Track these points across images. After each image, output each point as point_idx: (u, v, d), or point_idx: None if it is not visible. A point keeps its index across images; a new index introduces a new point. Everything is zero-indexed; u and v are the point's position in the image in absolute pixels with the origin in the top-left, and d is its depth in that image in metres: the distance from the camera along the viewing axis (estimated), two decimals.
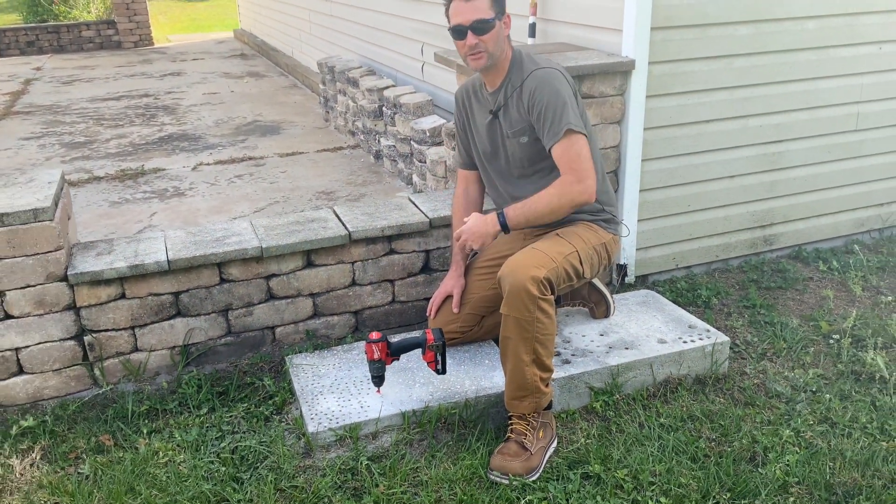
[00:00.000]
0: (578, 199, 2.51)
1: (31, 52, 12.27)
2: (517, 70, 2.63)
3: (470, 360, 2.83)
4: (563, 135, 2.49)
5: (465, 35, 2.53)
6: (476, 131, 2.80)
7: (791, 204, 3.84)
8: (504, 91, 2.65)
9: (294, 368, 2.83)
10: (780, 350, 3.08)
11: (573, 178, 2.49)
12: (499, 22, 2.55)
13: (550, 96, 2.52)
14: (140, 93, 8.68)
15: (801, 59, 3.59)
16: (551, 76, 2.56)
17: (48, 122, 7.31)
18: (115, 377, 2.93)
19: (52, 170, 3.06)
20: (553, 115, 2.51)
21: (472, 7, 2.50)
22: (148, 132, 6.82)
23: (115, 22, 12.55)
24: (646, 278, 3.68)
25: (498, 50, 2.57)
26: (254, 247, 2.91)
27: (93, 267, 2.77)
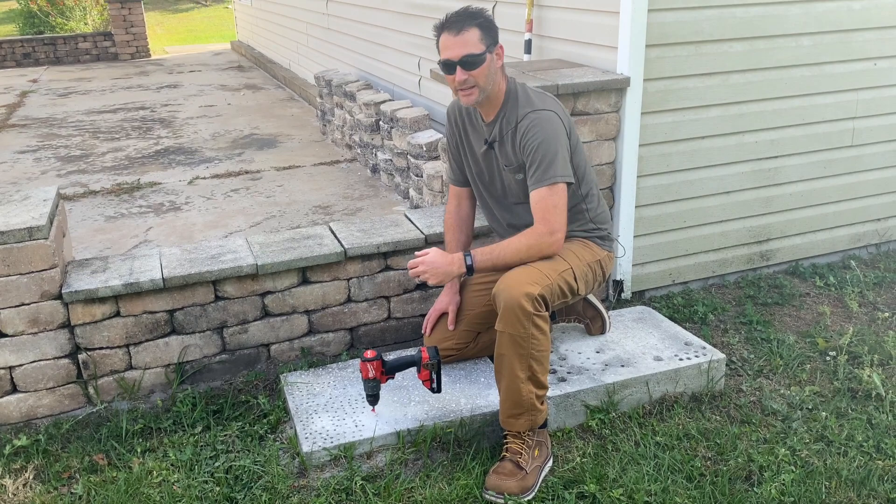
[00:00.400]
0: (547, 251, 2.51)
1: (28, 64, 12.31)
2: (513, 106, 2.60)
3: (465, 378, 2.84)
4: (547, 184, 2.49)
5: (454, 70, 2.50)
6: (471, 155, 2.80)
7: (787, 219, 3.86)
8: (500, 125, 2.64)
9: (289, 387, 2.84)
10: (776, 367, 3.09)
11: (545, 230, 2.50)
12: (490, 55, 2.51)
13: (542, 143, 2.50)
14: (136, 105, 8.71)
15: (796, 76, 3.62)
16: (546, 120, 2.53)
17: (44, 136, 7.33)
18: (110, 395, 2.94)
19: (48, 186, 3.08)
20: (541, 162, 2.50)
21: (461, 41, 2.47)
22: (144, 145, 6.84)
23: (111, 34, 12.60)
24: (642, 294, 3.70)
25: (489, 84, 2.54)
26: (249, 264, 2.93)
27: (87, 285, 2.78)
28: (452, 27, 2.49)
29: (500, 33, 2.66)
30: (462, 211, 2.93)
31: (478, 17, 2.51)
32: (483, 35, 2.50)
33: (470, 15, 2.51)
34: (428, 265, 2.51)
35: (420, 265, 2.52)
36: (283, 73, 9.68)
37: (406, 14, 5.48)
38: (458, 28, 2.48)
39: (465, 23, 2.48)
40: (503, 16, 4.25)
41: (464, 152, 2.84)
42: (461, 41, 2.47)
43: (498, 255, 2.51)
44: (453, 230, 2.90)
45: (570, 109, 3.26)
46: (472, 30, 2.48)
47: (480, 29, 2.49)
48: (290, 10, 9.13)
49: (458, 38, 2.47)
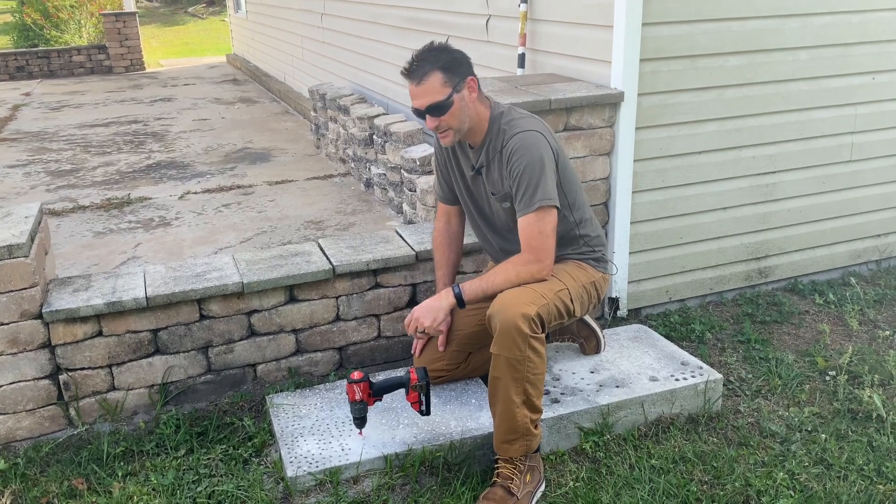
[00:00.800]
0: (537, 278, 2.47)
1: (21, 78, 12.30)
2: (497, 132, 2.55)
3: (456, 400, 2.79)
4: (534, 210, 2.44)
5: (424, 117, 2.48)
6: (461, 179, 2.76)
7: (786, 235, 3.82)
8: (486, 151, 2.59)
9: (274, 408, 2.79)
10: (774, 387, 3.05)
11: (531, 257, 2.46)
12: (458, 95, 2.45)
13: (527, 166, 2.45)
14: (129, 119, 8.68)
15: (793, 90, 3.59)
16: (530, 143, 2.47)
17: (34, 150, 7.30)
18: (91, 417, 2.89)
19: (31, 203, 3.04)
20: (527, 188, 2.45)
21: (424, 90, 2.42)
22: (135, 160, 6.80)
23: (106, 47, 12.61)
24: (638, 312, 3.65)
25: (464, 122, 2.50)
26: (234, 282, 2.88)
27: (69, 304, 2.73)
28: (414, 76, 2.43)
29: (492, 47, 2.63)
30: (451, 229, 2.89)
31: (438, 60, 2.43)
32: (446, 77, 2.42)
33: (430, 58, 2.43)
34: (416, 310, 2.56)
35: (413, 312, 2.57)
36: (278, 87, 9.67)
37: (400, 28, 5.46)
38: (419, 76, 2.42)
39: (426, 69, 2.41)
40: (496, 30, 4.23)
41: (453, 174, 2.79)
42: (423, 90, 2.42)
43: (488, 284, 2.49)
44: (442, 249, 2.86)
45: (563, 124, 3.23)
46: (433, 75, 2.41)
47: (443, 72, 2.42)
48: (285, 24, 9.14)
49: (421, 88, 2.42)
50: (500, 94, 3.19)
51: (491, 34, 4.29)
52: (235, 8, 12.59)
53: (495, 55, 4.25)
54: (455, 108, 2.45)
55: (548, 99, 3.13)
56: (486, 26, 4.32)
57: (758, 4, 3.37)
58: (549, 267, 2.47)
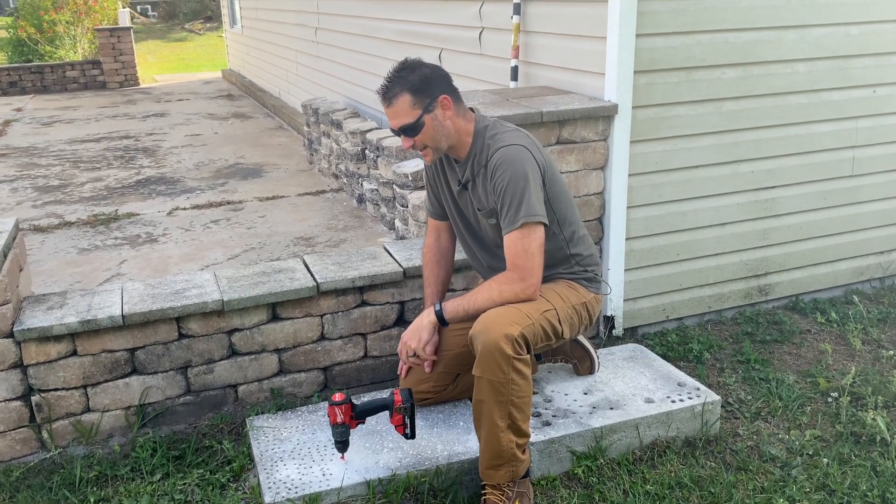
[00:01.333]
0: (521, 297, 2.40)
1: (14, 93, 12.29)
2: (482, 146, 2.50)
3: (443, 422, 2.72)
4: (518, 226, 2.38)
5: (400, 136, 2.47)
6: (449, 194, 2.70)
7: (786, 252, 3.76)
8: (471, 166, 2.54)
9: (254, 431, 2.71)
10: (775, 409, 2.97)
11: (516, 276, 2.39)
12: (429, 115, 2.40)
13: (511, 181, 2.38)
14: (121, 134, 8.65)
15: (792, 103, 3.54)
16: (514, 157, 2.41)
17: (23, 165, 7.25)
18: (65, 440, 2.81)
19: (6, 218, 2.98)
20: (511, 203, 2.39)
21: (395, 112, 2.41)
22: (125, 175, 6.76)
23: (100, 62, 12.61)
24: (635, 331, 3.58)
25: (441, 140, 2.46)
26: (214, 300, 2.82)
27: (41, 322, 2.66)
28: (386, 98, 2.42)
29: (485, 60, 2.59)
30: (441, 245, 2.82)
31: (406, 81, 2.39)
32: (415, 99, 2.38)
33: (399, 79, 2.40)
34: (405, 334, 2.56)
35: (402, 338, 2.58)
36: (272, 102, 9.65)
37: (394, 41, 5.43)
38: (389, 99, 2.40)
39: (394, 90, 2.39)
40: (489, 42, 4.19)
41: (442, 190, 2.74)
42: (394, 112, 2.41)
43: (469, 303, 2.43)
44: (431, 266, 2.79)
45: (556, 138, 3.17)
46: (401, 97, 2.38)
47: (412, 94, 2.38)
48: (280, 38, 9.13)
49: (392, 110, 2.41)
50: (490, 107, 3.14)
51: (484, 47, 4.25)
52: (231, 23, 12.62)
53: (488, 68, 4.20)
54: (427, 128, 2.42)
55: (539, 111, 3.08)
56: (479, 39, 4.28)
57: (754, 16, 3.33)
58: (534, 286, 2.39)
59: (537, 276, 2.40)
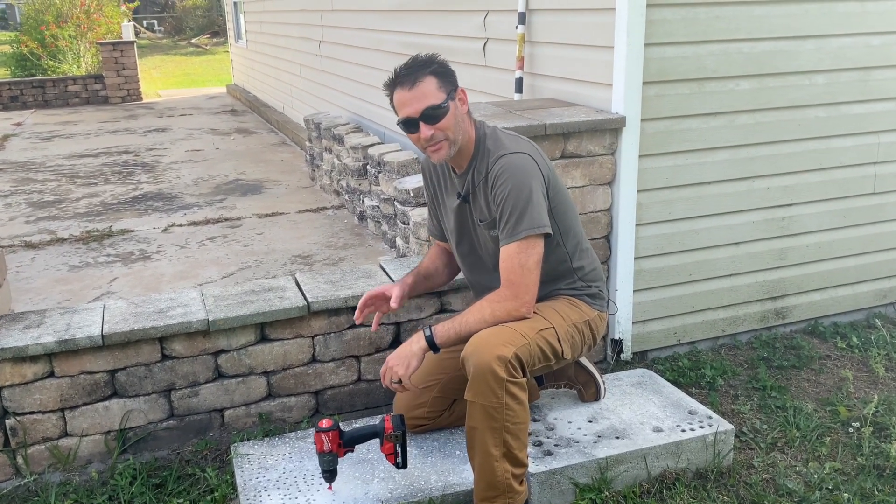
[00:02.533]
0: (515, 317, 2.32)
1: (15, 107, 12.37)
2: (483, 154, 2.42)
3: (438, 451, 2.63)
4: (517, 239, 2.30)
5: (416, 127, 2.32)
6: (445, 212, 2.63)
7: (804, 273, 3.67)
8: (472, 176, 2.45)
9: (238, 458, 2.63)
10: (792, 439, 2.87)
11: (509, 294, 2.31)
12: (452, 102, 2.33)
13: (513, 190, 2.31)
14: (120, 149, 8.66)
15: (810, 116, 3.46)
16: (517, 165, 2.33)
17: (19, 180, 7.26)
18: (41, 466, 2.74)
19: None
20: (511, 214, 2.31)
21: (419, 94, 2.29)
22: (122, 191, 6.74)
23: (102, 76, 12.68)
24: (645, 355, 3.49)
25: (459, 134, 2.36)
26: (199, 319, 2.75)
27: (16, 342, 2.60)
28: (405, 81, 2.31)
29: (489, 72, 2.53)
30: (442, 259, 2.75)
31: (431, 65, 2.33)
32: (440, 82, 2.31)
33: (422, 64, 2.33)
34: (390, 358, 2.38)
35: (387, 362, 2.38)
36: (276, 117, 9.65)
37: (397, 53, 5.39)
38: (412, 81, 2.30)
39: (419, 73, 2.31)
40: (493, 53, 4.14)
41: (439, 209, 2.67)
42: (418, 94, 2.29)
43: (460, 325, 2.32)
44: (431, 257, 2.74)
45: (560, 151, 3.10)
46: (427, 79, 2.30)
47: (436, 76, 2.31)
48: (284, 52, 9.14)
49: (415, 92, 2.29)
50: (492, 119, 3.08)
51: (488, 58, 4.20)
52: (236, 37, 12.68)
53: (492, 80, 4.15)
54: (451, 115, 2.33)
55: (543, 124, 3.01)
56: (483, 50, 4.23)
57: (769, 25, 3.26)
58: (527, 304, 2.31)
59: (532, 293, 2.31)
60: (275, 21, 9.45)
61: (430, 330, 2.33)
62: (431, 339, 2.33)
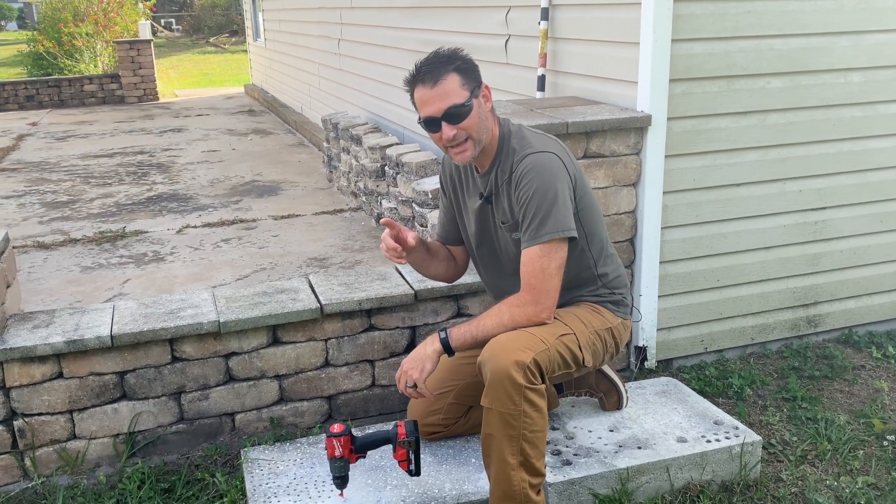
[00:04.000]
0: (534, 321, 2.31)
1: (31, 107, 12.55)
2: (508, 153, 2.41)
3: (453, 458, 2.63)
4: (540, 241, 2.28)
5: (438, 127, 2.30)
6: (466, 214, 2.62)
7: (838, 280, 3.62)
8: (495, 176, 2.44)
9: (248, 464, 2.64)
10: (823, 452, 2.83)
11: (529, 298, 2.30)
12: (476, 100, 2.32)
13: (538, 191, 2.29)
14: (135, 150, 8.75)
15: (845, 116, 3.43)
16: (544, 165, 2.32)
17: (33, 180, 7.35)
18: (49, 469, 2.77)
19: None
20: (535, 215, 2.29)
21: (441, 93, 2.26)
22: (136, 191, 6.81)
23: (119, 76, 12.83)
24: (669, 363, 3.46)
25: (483, 133, 2.34)
26: (210, 321, 2.77)
27: (25, 342, 2.64)
28: (427, 78, 2.28)
29: (511, 69, 2.52)
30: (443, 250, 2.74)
31: (454, 60, 2.30)
32: (464, 79, 2.29)
33: (444, 59, 2.30)
34: (405, 362, 2.36)
35: (399, 370, 2.37)
36: (294, 118, 9.71)
37: (416, 51, 5.41)
38: (434, 78, 2.27)
39: (441, 70, 2.28)
40: (515, 50, 4.14)
41: (458, 211, 2.66)
42: (440, 93, 2.26)
43: (477, 329, 2.31)
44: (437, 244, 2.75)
45: (583, 151, 3.09)
46: (450, 76, 2.27)
47: (459, 73, 2.29)
48: (303, 51, 9.20)
49: (437, 90, 2.27)
50: (513, 118, 3.06)
51: (510, 55, 4.20)
52: (255, 36, 12.78)
53: (514, 78, 4.15)
54: (474, 114, 2.30)
55: (564, 122, 3.01)
56: (505, 47, 4.23)
57: (803, 20, 3.23)
58: (548, 309, 2.30)
59: (553, 299, 2.30)
60: (293, 19, 9.52)
61: (445, 333, 2.33)
62: (446, 342, 2.32)
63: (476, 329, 2.31)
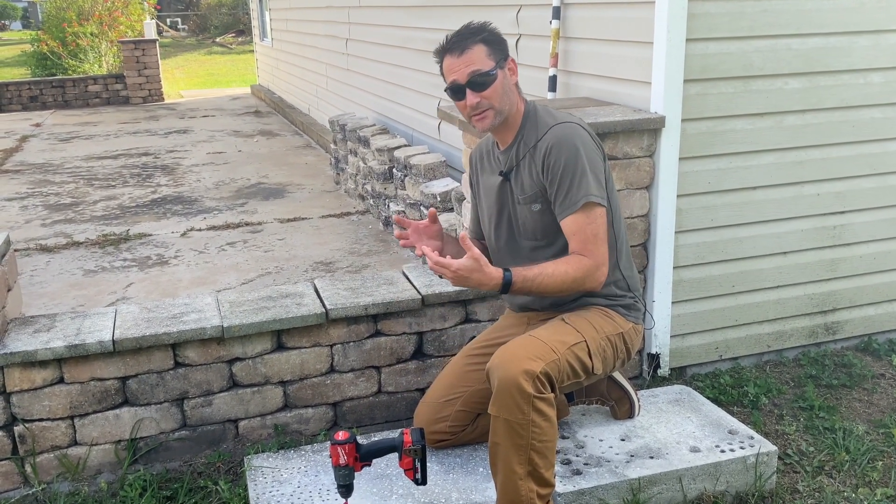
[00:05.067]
0: (590, 285, 2.36)
1: (34, 108, 12.64)
2: (531, 126, 2.48)
3: (461, 467, 2.63)
4: (581, 207, 2.33)
5: (463, 94, 2.39)
6: (485, 193, 2.66)
7: (857, 286, 3.61)
8: (516, 150, 2.50)
9: (252, 471, 2.65)
10: (841, 463, 2.82)
11: (591, 263, 2.34)
12: (501, 71, 2.41)
13: (569, 158, 2.36)
14: (140, 151, 8.80)
15: (865, 118, 3.41)
16: (572, 132, 2.40)
17: (36, 182, 7.40)
18: (49, 475, 2.78)
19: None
20: (571, 182, 2.35)
21: (467, 60, 2.37)
22: (140, 194, 6.84)
23: (123, 76, 12.91)
24: (683, 371, 3.45)
25: (505, 104, 2.42)
26: (213, 325, 2.78)
27: (25, 346, 2.65)
28: (455, 48, 2.40)
29: (521, 70, 2.56)
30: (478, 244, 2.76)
31: (482, 32, 2.41)
32: (490, 50, 2.39)
33: (473, 31, 2.42)
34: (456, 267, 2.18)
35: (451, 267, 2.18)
36: (301, 119, 9.75)
37: (426, 51, 5.41)
38: (462, 47, 2.38)
39: (469, 40, 2.39)
40: (525, 50, 4.15)
41: (477, 196, 2.71)
42: (466, 60, 2.37)
43: (539, 281, 2.29)
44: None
45: None
46: (476, 46, 2.38)
47: (486, 44, 2.39)
48: (310, 51, 9.23)
49: (463, 58, 2.38)
50: None
51: (521, 55, 4.20)
52: (261, 36, 12.84)
53: (525, 78, 4.09)
54: (498, 83, 2.39)
55: None
56: (515, 47, 4.23)
57: (821, 19, 3.23)
58: (604, 275, 2.37)
59: (607, 263, 2.38)
60: (301, 19, 9.55)
61: (509, 275, 2.25)
62: (508, 283, 2.25)
63: (538, 282, 2.28)
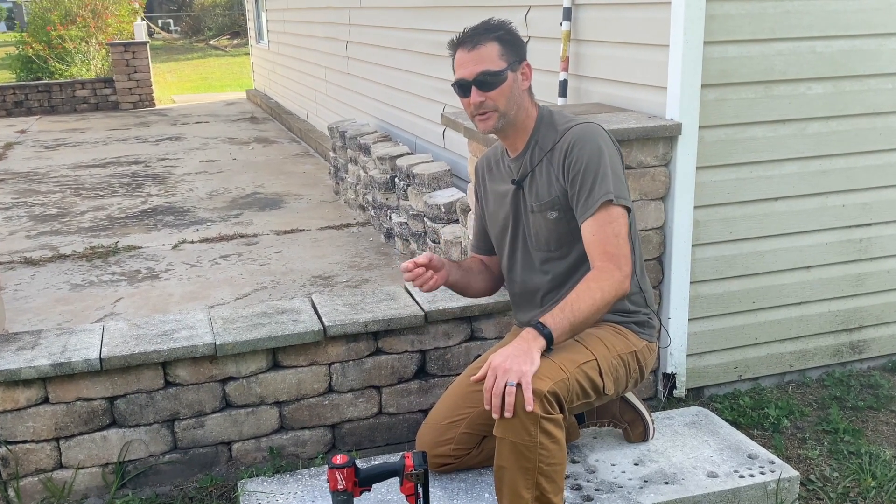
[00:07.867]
0: (619, 293, 2.33)
1: (19, 113, 12.74)
2: (546, 130, 2.51)
3: (465, 492, 2.64)
4: (599, 207, 2.36)
5: (469, 91, 2.44)
6: (495, 203, 2.69)
7: (885, 302, 3.62)
8: (530, 155, 2.53)
9: (246, 496, 2.67)
10: (867, 489, 2.82)
11: (611, 266, 2.33)
12: (512, 73, 2.44)
13: (592, 156, 2.39)
14: (129, 159, 8.87)
15: (893, 125, 3.44)
16: (594, 131, 2.45)
17: (21, 192, 7.47)
18: (34, 500, 2.81)
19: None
20: (591, 181, 2.37)
21: (477, 57, 2.42)
22: (130, 204, 6.90)
23: (112, 80, 13.01)
24: (700, 392, 3.47)
25: (511, 108, 2.45)
26: (205, 343, 2.80)
27: (9, 365, 2.68)
28: (467, 42, 2.44)
29: (532, 74, 2.58)
30: (477, 264, 2.80)
31: (498, 30, 2.45)
32: (504, 50, 2.43)
33: (489, 28, 2.46)
34: (497, 366, 2.13)
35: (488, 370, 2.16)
36: (299, 125, 9.81)
37: (430, 55, 5.46)
38: (474, 43, 2.43)
39: (483, 36, 2.43)
40: (535, 52, 4.17)
41: (486, 208, 2.74)
42: (476, 57, 2.41)
43: (574, 314, 2.23)
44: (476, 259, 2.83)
45: None
46: (490, 44, 2.42)
47: (500, 43, 2.43)
48: (309, 54, 9.30)
49: (474, 54, 2.42)
50: None
51: (530, 58, 4.21)
52: (258, 38, 12.93)
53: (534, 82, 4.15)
54: (506, 86, 2.43)
55: None
56: None
57: (847, 21, 3.25)
58: (629, 277, 2.35)
59: (631, 265, 2.38)
60: (299, 20, 9.63)
61: (543, 325, 2.20)
62: (550, 336, 2.20)
63: (572, 315, 2.24)
